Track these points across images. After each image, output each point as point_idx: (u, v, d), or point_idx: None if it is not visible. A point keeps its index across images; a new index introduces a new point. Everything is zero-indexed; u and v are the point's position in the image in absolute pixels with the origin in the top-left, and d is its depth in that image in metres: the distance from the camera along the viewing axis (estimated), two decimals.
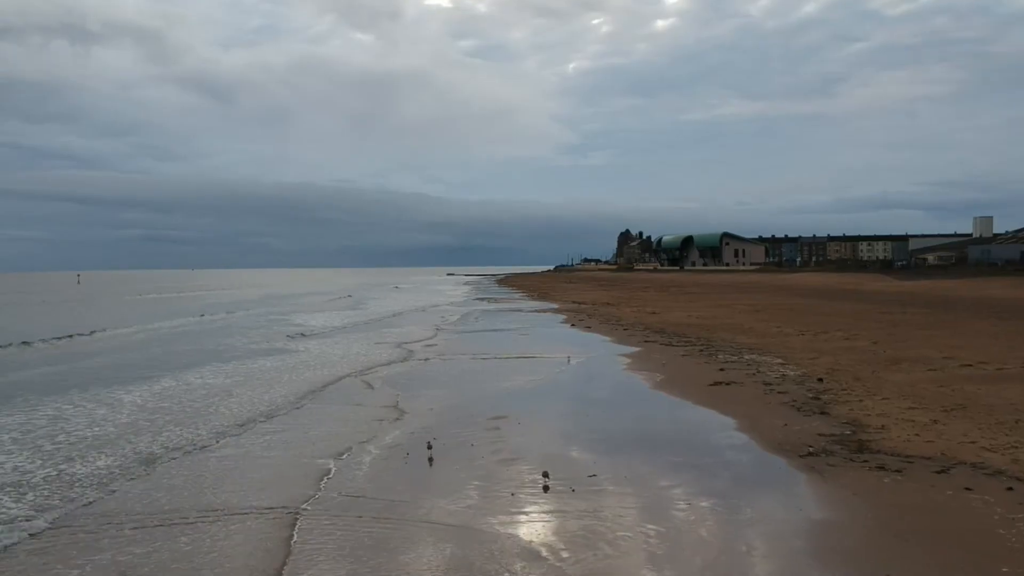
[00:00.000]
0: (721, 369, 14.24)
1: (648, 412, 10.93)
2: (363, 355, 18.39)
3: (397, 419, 10.50)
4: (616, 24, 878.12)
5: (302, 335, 23.34)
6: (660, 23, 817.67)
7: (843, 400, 10.84)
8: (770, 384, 12.48)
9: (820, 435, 8.81)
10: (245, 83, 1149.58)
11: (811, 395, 11.33)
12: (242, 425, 10.24)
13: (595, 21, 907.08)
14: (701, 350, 17.41)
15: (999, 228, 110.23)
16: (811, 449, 8.21)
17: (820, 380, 12.57)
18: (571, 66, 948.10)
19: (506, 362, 16.63)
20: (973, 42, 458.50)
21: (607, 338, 21.31)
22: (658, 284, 65.94)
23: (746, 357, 15.93)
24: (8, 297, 65.00)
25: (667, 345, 18.91)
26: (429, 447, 8.53)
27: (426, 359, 17.42)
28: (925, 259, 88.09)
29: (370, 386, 13.61)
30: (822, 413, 10.06)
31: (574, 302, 41.99)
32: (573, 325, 26.03)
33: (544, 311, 34.96)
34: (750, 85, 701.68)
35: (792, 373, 13.56)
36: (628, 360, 16.31)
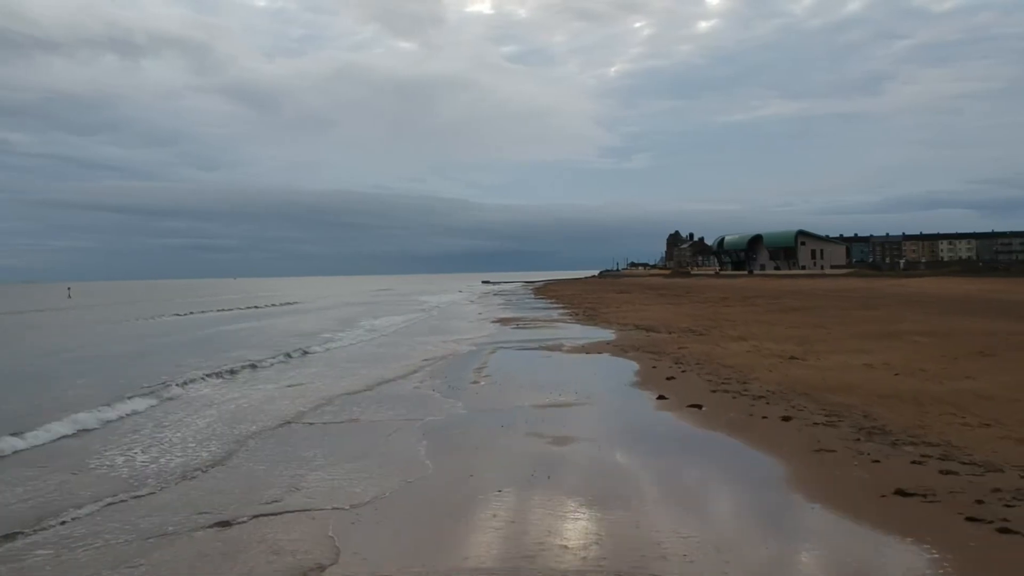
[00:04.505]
0: None
1: None
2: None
3: None
4: (658, 26, 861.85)
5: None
6: (702, 24, 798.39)
7: None
8: None
9: None
10: (286, 92, 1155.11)
11: None
12: None
13: (637, 24, 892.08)
14: None
15: None
16: None
17: None
18: (613, 69, 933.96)
19: None
20: (1018, 37, 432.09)
21: (771, 458, 8.67)
22: (736, 294, 52.49)
23: None
24: None
25: (1009, 534, 6.19)
26: None
27: None
28: None
29: None
30: None
31: (637, 326, 29.30)
32: (662, 396, 13.33)
33: (597, 348, 22.32)
34: (791, 85, 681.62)
35: None
36: None
